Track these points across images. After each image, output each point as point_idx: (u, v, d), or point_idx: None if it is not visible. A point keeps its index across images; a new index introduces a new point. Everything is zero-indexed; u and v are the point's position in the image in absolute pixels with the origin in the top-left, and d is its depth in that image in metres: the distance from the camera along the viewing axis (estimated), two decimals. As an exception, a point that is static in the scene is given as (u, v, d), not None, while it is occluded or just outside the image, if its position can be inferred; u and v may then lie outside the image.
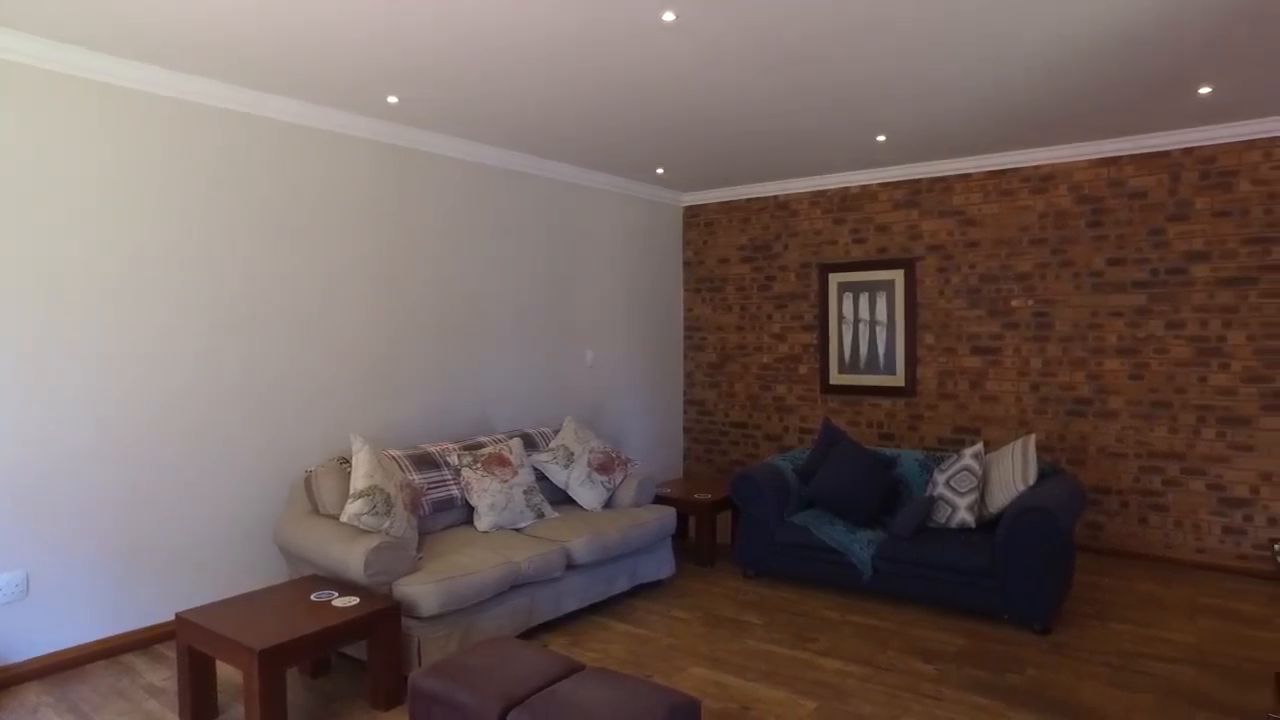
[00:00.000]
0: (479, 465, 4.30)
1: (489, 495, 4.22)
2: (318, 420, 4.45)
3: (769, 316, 6.75)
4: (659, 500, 5.20)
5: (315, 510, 3.84)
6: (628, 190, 6.53)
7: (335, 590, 3.29)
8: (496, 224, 5.47)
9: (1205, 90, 4.14)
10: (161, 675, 3.49)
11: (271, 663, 2.70)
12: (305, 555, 3.61)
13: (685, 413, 7.29)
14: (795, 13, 3.14)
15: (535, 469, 4.71)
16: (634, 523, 4.39)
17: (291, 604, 3.13)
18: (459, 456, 4.33)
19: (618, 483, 4.77)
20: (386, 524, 3.56)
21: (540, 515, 4.39)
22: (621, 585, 4.37)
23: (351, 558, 3.34)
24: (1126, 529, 5.25)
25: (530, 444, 4.84)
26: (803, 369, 6.57)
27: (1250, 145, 4.82)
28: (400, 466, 4.08)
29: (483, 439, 4.66)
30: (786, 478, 4.89)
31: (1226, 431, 4.93)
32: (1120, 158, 5.21)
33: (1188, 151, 5.00)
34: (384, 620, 3.10)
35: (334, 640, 2.92)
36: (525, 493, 4.36)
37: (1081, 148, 5.27)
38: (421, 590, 3.34)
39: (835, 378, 6.37)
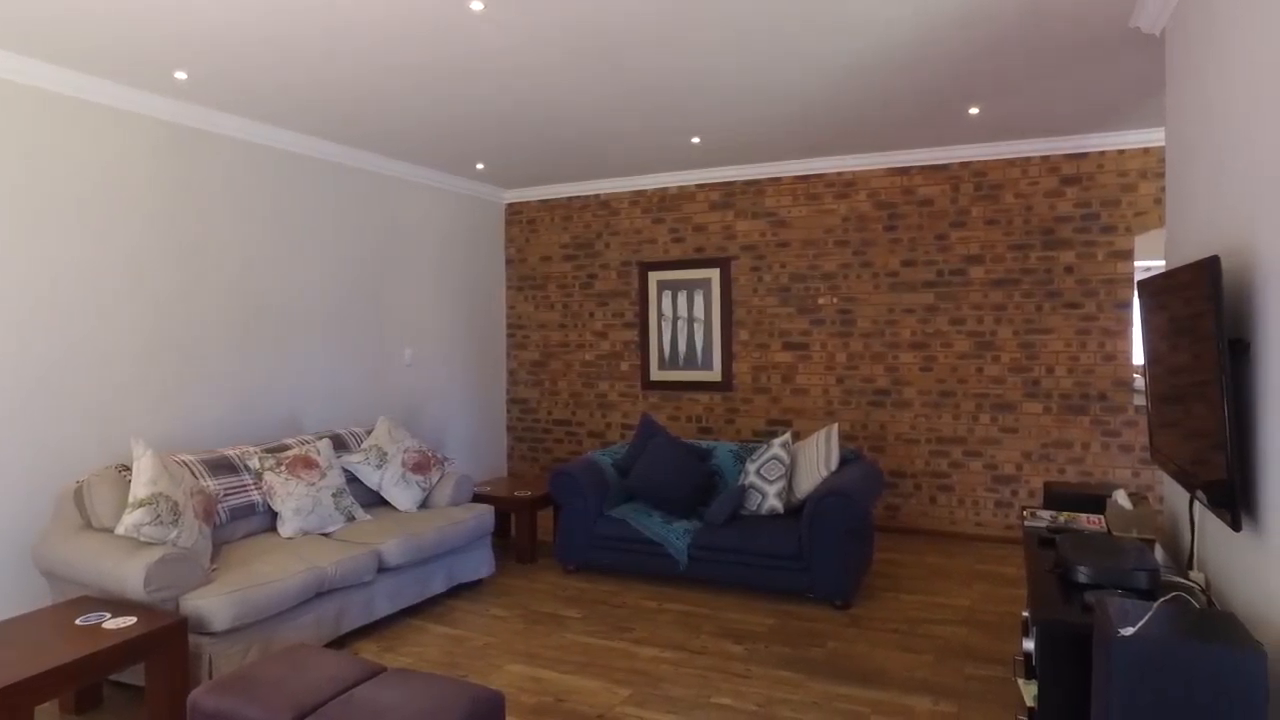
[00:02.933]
0: (283, 468, 4.04)
1: (294, 499, 3.98)
2: (98, 426, 3.99)
3: (591, 314, 6.80)
4: (478, 499, 5.11)
5: (88, 524, 3.45)
6: (448, 185, 6.37)
7: (108, 611, 2.97)
8: (308, 216, 5.16)
9: (974, 110, 4.59)
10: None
11: (13, 702, 2.36)
12: (74, 575, 3.24)
13: (508, 411, 7.21)
14: (606, 6, 3.18)
15: (346, 470, 4.49)
16: (450, 522, 4.28)
17: (49, 631, 2.78)
18: (260, 459, 4.05)
19: (434, 482, 4.64)
20: (173, 534, 3.27)
21: (351, 518, 4.19)
22: (438, 586, 4.25)
23: (129, 573, 3.03)
24: (920, 508, 5.72)
25: (341, 445, 4.60)
26: (624, 366, 6.67)
27: (1011, 163, 5.41)
28: (192, 472, 3.76)
29: (289, 441, 4.38)
30: (605, 473, 4.95)
31: (998, 416, 5.49)
32: (911, 168, 5.67)
33: (964, 165, 5.53)
34: (165, 639, 2.84)
35: (101, 667, 2.63)
36: (334, 495, 4.15)
37: (878, 157, 5.69)
38: (212, 603, 3.09)
39: (656, 374, 6.51)
